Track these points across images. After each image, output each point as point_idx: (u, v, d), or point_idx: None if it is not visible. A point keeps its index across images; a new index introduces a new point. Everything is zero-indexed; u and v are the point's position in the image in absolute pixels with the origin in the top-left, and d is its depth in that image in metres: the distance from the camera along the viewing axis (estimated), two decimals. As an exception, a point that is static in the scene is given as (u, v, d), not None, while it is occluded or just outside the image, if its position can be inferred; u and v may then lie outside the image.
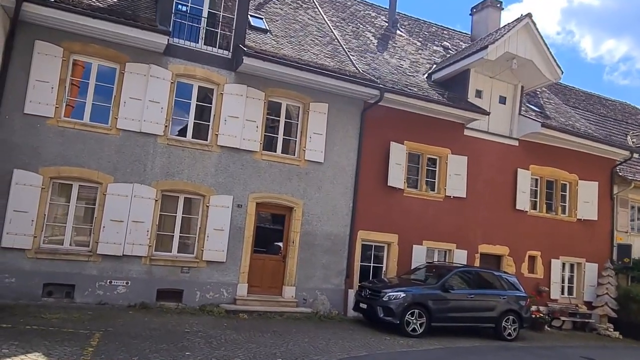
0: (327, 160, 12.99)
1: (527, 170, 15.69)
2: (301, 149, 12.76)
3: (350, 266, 13.07)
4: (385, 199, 13.65)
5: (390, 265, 13.66)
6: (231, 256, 11.79)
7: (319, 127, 12.93)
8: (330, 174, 13.02)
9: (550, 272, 15.78)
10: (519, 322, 12.28)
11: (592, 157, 16.86)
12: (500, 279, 12.61)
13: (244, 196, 12.04)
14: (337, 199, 13.04)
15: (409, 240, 13.86)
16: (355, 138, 13.40)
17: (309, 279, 12.59)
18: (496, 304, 12.05)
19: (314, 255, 12.67)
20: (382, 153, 13.65)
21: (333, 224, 12.94)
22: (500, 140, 15.47)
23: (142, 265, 10.99)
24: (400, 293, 11.04)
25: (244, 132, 12.08)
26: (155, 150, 11.30)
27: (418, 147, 14.24)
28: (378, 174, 13.59)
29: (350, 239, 13.10)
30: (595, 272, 16.45)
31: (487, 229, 14.97)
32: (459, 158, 14.68)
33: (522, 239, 15.44)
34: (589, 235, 16.56)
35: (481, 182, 15.01)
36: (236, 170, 12.02)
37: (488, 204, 15.05)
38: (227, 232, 11.78)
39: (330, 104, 13.09)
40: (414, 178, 14.36)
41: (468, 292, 11.82)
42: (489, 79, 15.58)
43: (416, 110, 14.11)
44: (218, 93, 11.99)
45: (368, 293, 11.49)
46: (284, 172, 12.49)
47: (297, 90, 12.75)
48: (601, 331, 15.34)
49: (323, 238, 12.80)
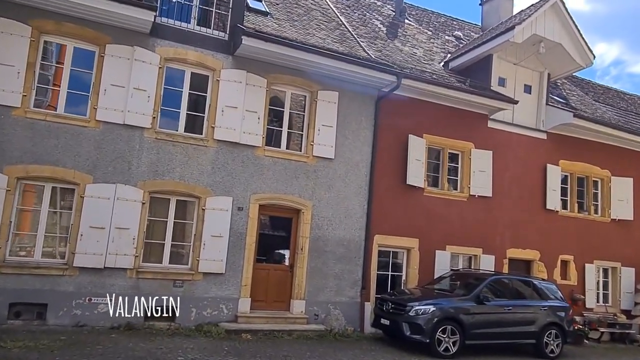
0: (338, 155, 11.47)
1: (556, 165, 14.20)
2: (309, 143, 11.24)
3: (367, 276, 11.51)
4: (404, 199, 12.12)
5: (410, 274, 12.10)
6: (231, 267, 10.23)
7: (329, 119, 11.42)
8: (342, 171, 11.49)
9: (584, 278, 14.24)
10: (562, 336, 10.73)
11: (625, 151, 15.40)
12: (539, 287, 11.07)
13: (245, 197, 10.50)
14: (350, 200, 11.50)
15: (431, 245, 12.31)
16: (370, 130, 11.89)
17: (320, 292, 11.02)
18: (536, 317, 10.49)
19: (325, 263, 11.12)
20: (399, 147, 12.14)
21: (346, 228, 11.40)
22: (527, 133, 13.99)
23: (127, 279, 9.41)
24: (429, 307, 9.48)
25: (244, 124, 10.56)
26: (141, 145, 9.76)
27: (439, 141, 12.73)
28: (395, 171, 12.07)
29: (366, 244, 11.55)
30: (632, 277, 14.92)
31: (515, 231, 13.44)
32: (483, 153, 13.18)
33: (554, 242, 13.91)
34: (624, 236, 15.05)
35: (508, 179, 13.51)
36: (236, 168, 10.48)
37: (516, 203, 13.54)
38: (227, 239, 10.22)
39: (340, 93, 11.59)
40: (434, 176, 12.85)
41: (505, 303, 10.25)
42: (513, 65, 14.13)
43: (435, 99, 12.63)
44: (214, 80, 10.48)
45: (390, 307, 9.92)
46: (289, 170, 10.96)
47: (304, 76, 11.25)
48: (644, 343, 13.80)
49: (335, 244, 11.25)
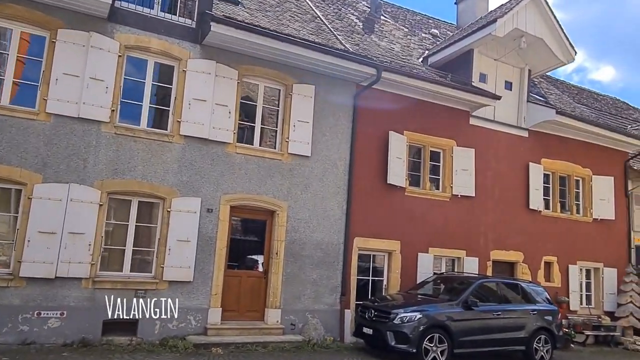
0: (315, 153, 10.75)
1: (538, 164, 13.81)
2: (284, 140, 10.48)
3: (346, 281, 10.79)
4: (385, 199, 11.47)
5: (392, 279, 11.43)
6: (200, 274, 9.36)
7: (305, 114, 10.69)
8: (319, 169, 10.77)
9: (568, 279, 13.86)
10: (551, 341, 10.24)
11: (605, 150, 15.15)
12: (527, 290, 10.55)
13: (215, 198, 9.66)
14: (328, 200, 10.78)
15: (413, 247, 11.68)
16: (348, 127, 11.21)
17: (297, 299, 10.24)
18: (525, 322, 9.97)
19: (302, 269, 10.35)
20: (379, 145, 11.49)
21: (324, 230, 10.66)
22: (509, 131, 13.56)
23: (82, 289, 8.44)
24: (415, 314, 8.81)
25: (214, 119, 9.74)
26: (98, 141, 8.82)
27: (420, 138, 12.15)
28: (375, 170, 11.41)
29: (345, 247, 10.84)
30: (615, 277, 14.64)
31: (498, 232, 12.96)
32: (466, 151, 12.66)
33: (537, 243, 13.49)
34: (606, 236, 14.77)
35: (490, 178, 13.03)
36: (204, 166, 9.64)
37: (499, 203, 13.06)
38: (194, 243, 9.35)
39: (317, 87, 10.89)
40: (415, 175, 12.25)
41: (494, 308, 9.69)
42: (494, 61, 13.71)
43: (416, 95, 12.06)
44: (180, 70, 9.63)
45: (373, 314, 9.22)
46: (263, 168, 10.17)
47: (278, 69, 10.51)
48: (628, 345, 13.46)
49: (313, 247, 10.50)
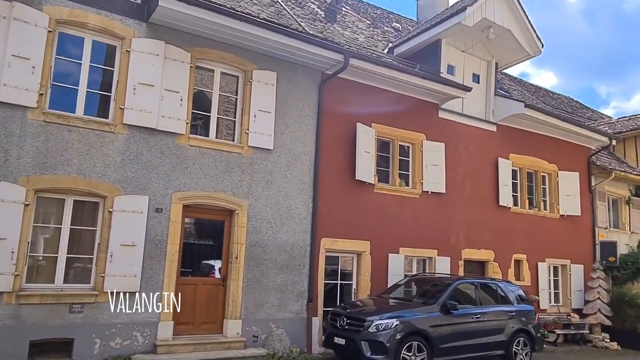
0: (278, 146, 9.78)
1: (507, 159, 13.40)
2: (243, 131, 9.45)
3: (313, 286, 9.86)
4: (353, 196, 10.64)
5: (362, 282, 10.60)
6: (148, 283, 8.18)
7: (266, 103, 9.71)
8: (283, 164, 9.81)
9: (537, 277, 13.51)
10: (530, 344, 9.69)
11: (570, 146, 14.97)
12: (504, 290, 9.97)
13: (165, 196, 8.51)
14: (292, 198, 9.83)
15: (384, 248, 10.91)
16: (313, 118, 10.31)
17: (260, 308, 9.22)
18: (504, 324, 9.37)
19: (264, 274, 9.34)
20: (346, 138, 10.66)
21: (289, 231, 9.71)
22: (477, 125, 13.06)
23: (3, 306, 7.11)
24: (392, 320, 7.99)
25: (163, 106, 8.60)
26: (24, 130, 7.51)
27: (388, 131, 11.41)
28: (343, 165, 10.57)
29: (312, 249, 9.92)
30: (581, 274, 14.44)
31: (469, 230, 12.40)
32: (435, 145, 12.03)
33: (507, 241, 13.06)
34: (572, 233, 14.56)
35: (460, 173, 12.47)
36: (152, 159, 8.47)
37: (469, 200, 12.52)
38: (141, 248, 8.18)
39: (279, 74, 9.93)
40: (384, 170, 11.49)
41: (473, 311, 9.03)
42: (462, 53, 13.19)
43: (384, 85, 11.32)
44: (123, 50, 8.43)
45: (346, 323, 8.33)
46: (220, 163, 9.11)
47: (236, 53, 9.48)
48: (597, 343, 13.23)
49: (276, 250, 9.52)
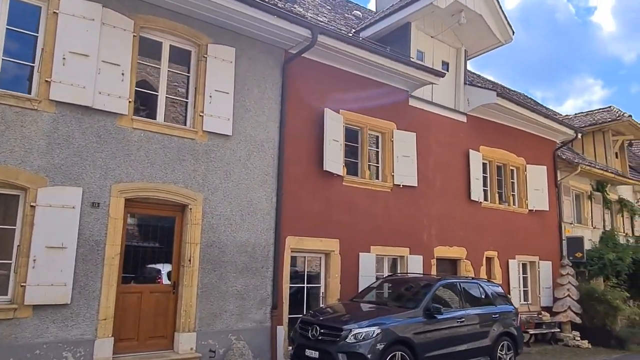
0: (237, 132, 8.58)
1: (478, 152, 12.78)
2: (197, 114, 8.18)
3: (278, 291, 8.72)
4: (321, 189, 9.59)
5: (331, 285, 9.56)
6: (81, 293, 6.78)
7: (224, 83, 8.48)
8: (243, 152, 8.61)
9: (508, 275, 12.96)
10: (513, 347, 8.98)
11: (536, 139, 14.59)
12: (486, 290, 9.21)
13: (103, 188, 7.12)
14: (254, 191, 8.65)
15: (354, 246, 9.92)
16: (276, 101, 9.18)
17: (218, 318, 7.98)
18: (489, 327, 8.59)
19: (223, 278, 8.11)
20: (313, 124, 9.60)
21: (250, 229, 8.52)
22: (448, 115, 12.35)
23: None
24: (372, 328, 6.97)
25: (101, 81, 7.21)
26: None
27: (357, 119, 10.45)
28: (309, 154, 9.50)
29: (276, 249, 8.78)
30: (550, 271, 14.06)
31: (441, 226, 11.64)
32: (406, 135, 11.19)
33: (479, 237, 12.41)
34: (541, 228, 14.17)
35: (432, 166, 11.69)
36: (87, 144, 7.07)
37: (441, 194, 11.77)
38: (73, 251, 6.76)
39: (238, 50, 8.73)
40: (353, 161, 10.51)
41: (457, 314, 8.17)
42: (431, 38, 12.44)
43: (352, 68, 10.35)
44: (49, 13, 6.98)
45: (319, 332, 7.24)
46: (170, 150, 7.80)
47: (188, 23, 8.20)
48: (569, 342, 12.83)
49: (236, 251, 8.31)
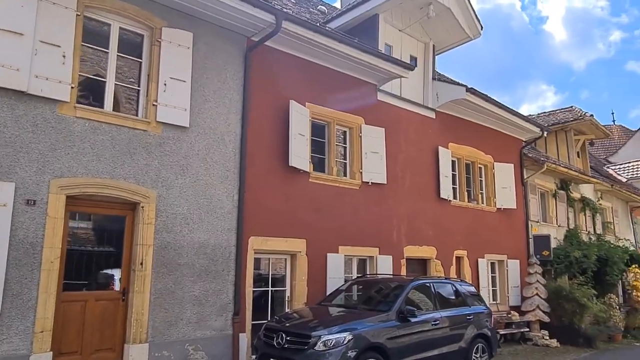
0: (196, 124, 7.90)
1: (447, 149, 12.48)
2: (150, 103, 7.46)
3: (240, 295, 8.07)
4: (286, 186, 9.01)
5: (297, 288, 8.98)
6: (14, 302, 5.95)
7: (180, 70, 7.78)
8: (202, 146, 7.93)
9: (478, 275, 12.71)
10: (488, 349, 8.63)
11: (503, 136, 14.46)
12: (460, 290, 8.84)
13: (41, 184, 6.32)
14: (214, 188, 7.99)
15: (321, 247, 9.38)
16: (238, 92, 8.54)
17: (173, 326, 7.27)
18: (464, 330, 8.20)
19: (179, 283, 7.41)
20: (278, 117, 9.02)
21: (210, 229, 7.84)
22: (417, 110, 12.00)
23: None
24: (342, 335, 6.43)
25: (37, 63, 6.40)
26: None
27: (324, 112, 9.93)
28: (274, 149, 8.90)
29: (238, 251, 8.13)
30: (518, 270, 13.91)
31: (411, 225, 11.25)
32: (375, 130, 10.75)
33: (448, 236, 12.10)
34: (509, 227, 14.01)
35: (401, 162, 11.29)
36: (21, 134, 6.25)
37: (410, 192, 11.38)
38: (4, 255, 5.93)
39: (196, 35, 8.06)
40: (320, 157, 9.98)
41: (431, 317, 7.73)
42: (399, 32, 12.09)
43: (319, 59, 9.83)
44: (-24, -16, 6.16)
45: (285, 340, 6.65)
46: (119, 142, 7.05)
47: (139, 4, 7.48)
48: (538, 341, 12.66)
49: (194, 253, 7.62)
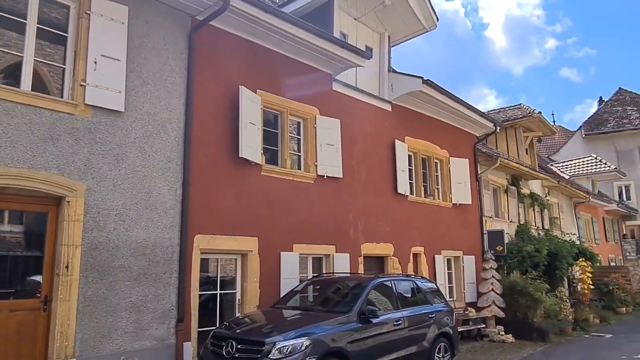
0: (132, 108, 7.02)
1: (403, 142, 12.10)
2: (77, 83, 6.52)
3: (184, 300, 7.25)
4: (236, 179, 8.26)
5: (249, 290, 8.24)
6: None
7: (113, 47, 6.88)
8: (139, 133, 7.06)
9: (435, 272, 12.41)
10: (450, 349, 8.23)
11: (458, 131, 14.29)
12: (422, 288, 8.40)
13: (-62, 174, 5.29)
14: (153, 180, 7.13)
15: (275, 245, 8.69)
16: (182, 75, 7.72)
17: (105, 338, 6.37)
18: (426, 329, 7.75)
19: (113, 288, 6.51)
20: (227, 104, 8.27)
21: (149, 226, 6.98)
22: (373, 102, 11.54)
23: None
24: (300, 340, 5.78)
25: None
26: None
27: (277, 101, 9.25)
28: (222, 138, 8.14)
29: (182, 250, 7.31)
30: (473, 266, 13.77)
31: (368, 221, 10.77)
32: (330, 121, 10.18)
33: (406, 233, 11.71)
34: (464, 222, 13.84)
35: (357, 156, 10.79)
36: None
37: (367, 187, 10.90)
38: None
39: (132, 9, 7.17)
40: (273, 149, 9.30)
41: (393, 316, 7.22)
42: (354, 21, 11.60)
43: (271, 44, 9.15)
44: None
45: (235, 348, 5.92)
46: (40, 127, 6.09)
47: (64, -31, 6.55)
48: (494, 337, 12.51)
49: (131, 253, 6.74)
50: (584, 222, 24.83)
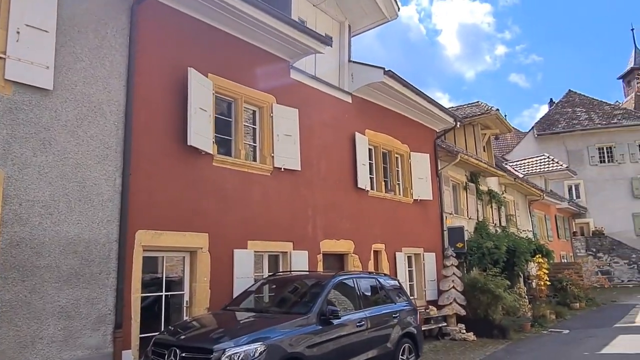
0: (63, 87, 6.19)
1: (364, 135, 11.65)
2: (-4, 55, 5.66)
3: (124, 303, 6.47)
4: (185, 170, 7.53)
5: (198, 291, 7.52)
6: None
7: (38, 16, 6.04)
8: (71, 115, 6.24)
9: (396, 269, 12.02)
10: (414, 350, 7.80)
11: (418, 126, 14.00)
12: (385, 286, 7.92)
13: None
14: (88, 169, 6.32)
15: (227, 241, 8.01)
16: (122, 53, 6.93)
17: (28, 348, 5.53)
18: (390, 329, 7.27)
19: (37, 291, 5.67)
20: (174, 87, 7.53)
21: (82, 220, 6.17)
22: (332, 93, 11.03)
23: None
24: (253, 345, 5.15)
25: None
26: None
27: (231, 87, 8.57)
28: (169, 125, 7.40)
29: (121, 247, 6.53)
30: (434, 263, 13.49)
31: (327, 217, 10.24)
32: (288, 111, 9.59)
33: (366, 229, 11.26)
34: (425, 219, 13.55)
35: (316, 148, 10.25)
36: None
37: (326, 180, 10.37)
38: None
39: (64, -24, 6.37)
40: (226, 138, 8.61)
41: (355, 317, 6.70)
42: (313, 7, 11.07)
43: (224, 25, 8.47)
44: None
45: (179, 356, 5.22)
46: (-53, 103, 5.21)
47: None
48: (456, 335, 12.24)
49: (60, 251, 5.91)
50: (537, 219, 25.30)
